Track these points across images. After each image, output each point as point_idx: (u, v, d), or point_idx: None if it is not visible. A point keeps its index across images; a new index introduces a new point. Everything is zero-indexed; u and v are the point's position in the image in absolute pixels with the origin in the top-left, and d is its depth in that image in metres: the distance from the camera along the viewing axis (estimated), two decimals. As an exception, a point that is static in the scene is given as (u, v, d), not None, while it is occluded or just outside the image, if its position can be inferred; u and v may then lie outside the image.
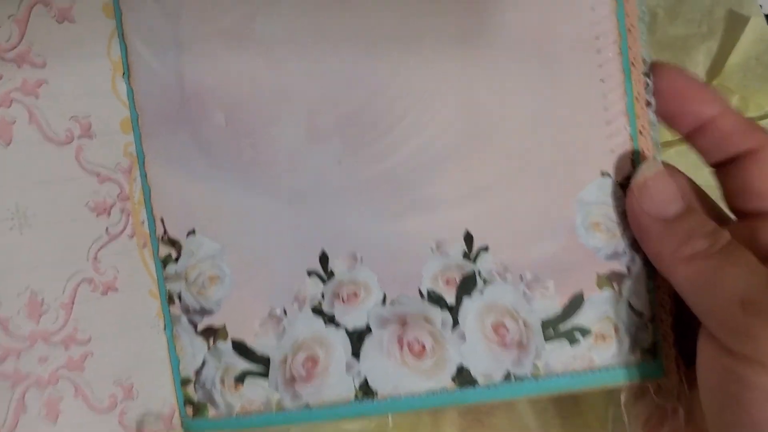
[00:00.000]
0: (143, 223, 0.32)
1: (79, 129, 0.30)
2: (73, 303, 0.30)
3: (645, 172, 0.29)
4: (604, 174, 0.30)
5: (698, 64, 0.44)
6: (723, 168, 0.30)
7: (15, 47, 0.29)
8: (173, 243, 0.32)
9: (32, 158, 0.29)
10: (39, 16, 0.29)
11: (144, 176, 0.32)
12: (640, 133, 0.30)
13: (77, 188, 0.30)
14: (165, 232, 0.32)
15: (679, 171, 0.30)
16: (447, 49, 0.29)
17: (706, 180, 0.31)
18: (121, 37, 0.32)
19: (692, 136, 0.30)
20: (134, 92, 0.32)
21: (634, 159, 0.30)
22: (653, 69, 0.29)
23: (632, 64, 0.29)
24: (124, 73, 0.32)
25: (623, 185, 0.30)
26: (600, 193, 0.30)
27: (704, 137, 0.29)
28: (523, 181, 0.30)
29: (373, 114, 0.30)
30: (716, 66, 0.44)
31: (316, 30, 0.30)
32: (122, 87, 0.32)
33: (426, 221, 0.30)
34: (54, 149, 0.30)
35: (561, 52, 0.29)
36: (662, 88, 0.29)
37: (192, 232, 0.32)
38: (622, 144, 0.30)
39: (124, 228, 0.32)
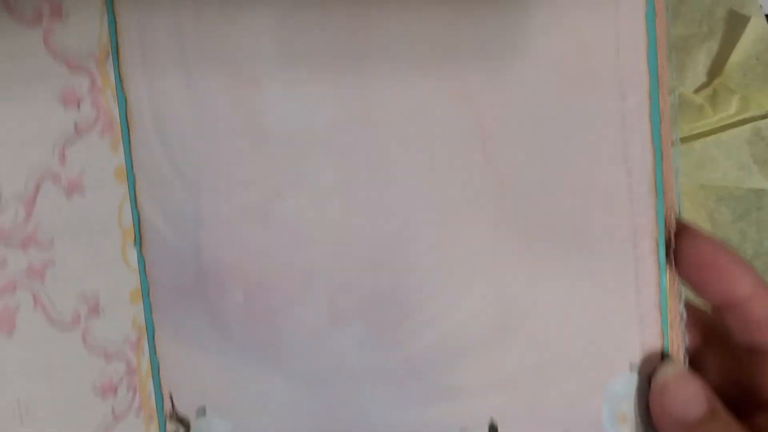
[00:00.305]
0: (150, 396, 0.31)
1: (86, 308, 0.29)
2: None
3: (666, 374, 0.28)
4: (632, 367, 0.29)
5: (699, 64, 0.44)
6: (752, 352, 0.29)
7: (21, 229, 0.27)
8: (181, 421, 0.31)
9: (36, 346, 0.28)
10: (47, 192, 0.28)
11: (153, 349, 0.31)
12: (671, 327, 0.29)
13: (83, 372, 0.29)
14: (173, 408, 0.31)
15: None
16: (480, 236, 0.29)
17: (708, 180, 0.30)
18: (134, 203, 0.30)
19: (720, 311, 0.29)
20: (146, 261, 0.31)
21: (663, 353, 0.29)
22: (681, 233, 0.28)
23: (668, 259, 0.28)
24: (135, 241, 0.31)
25: (651, 379, 0.29)
26: (628, 387, 0.29)
27: (733, 317, 0.28)
28: (550, 373, 0.29)
29: (399, 298, 0.29)
30: (717, 66, 0.44)
31: (345, 210, 0.29)
32: (132, 255, 0.31)
33: (450, 409, 0.29)
34: (59, 334, 0.28)
35: (597, 245, 0.29)
36: (689, 257, 0.28)
37: (202, 411, 0.31)
38: (652, 337, 0.29)
39: (131, 405, 0.30)
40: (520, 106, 0.28)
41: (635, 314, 0.29)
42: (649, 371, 0.29)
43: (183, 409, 0.31)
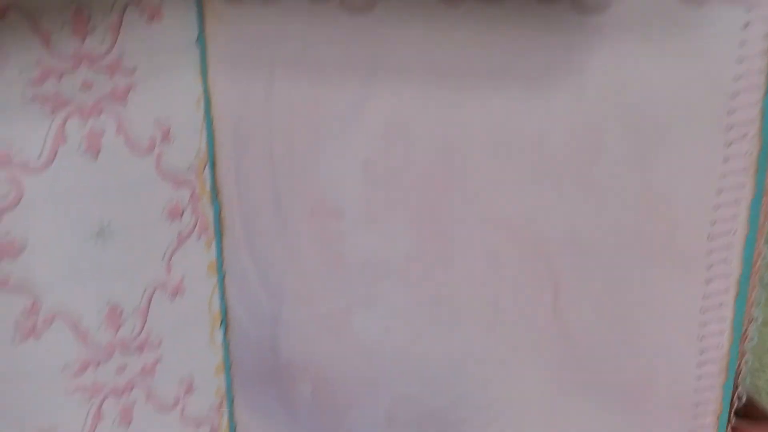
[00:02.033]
0: (226, 448, 0.37)
1: (183, 390, 0.34)
2: None
3: None
4: None
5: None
6: None
7: (136, 338, 0.31)
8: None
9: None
10: (157, 300, 0.32)
11: (231, 414, 0.36)
12: None
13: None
14: (247, 465, 0.37)
15: None
16: (539, 381, 0.31)
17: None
18: (222, 295, 0.35)
19: None
20: (229, 344, 0.35)
21: None
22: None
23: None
24: (221, 325, 0.35)
25: None
26: None
27: None
28: None
29: (454, 417, 0.32)
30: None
31: (411, 333, 0.32)
32: (219, 336, 0.35)
33: None
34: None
35: (657, 412, 0.30)
36: None
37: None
38: None
39: (212, 458, 0.36)
40: (599, 270, 0.29)
41: None
42: None
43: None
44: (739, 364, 0.29)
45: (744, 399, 0.29)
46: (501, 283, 0.30)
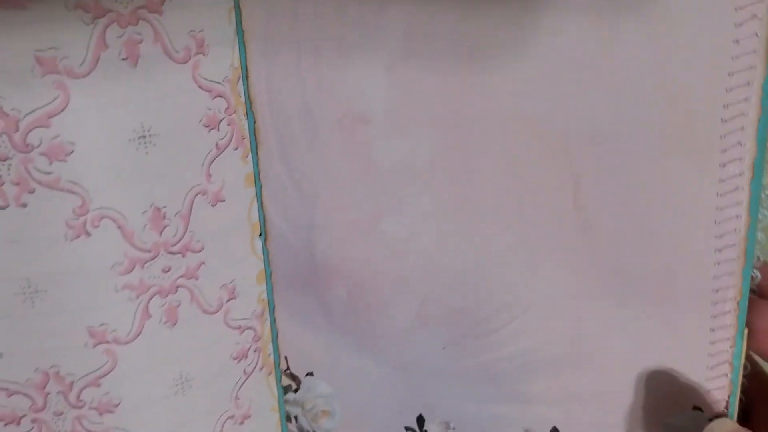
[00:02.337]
0: (270, 355, 0.38)
1: (227, 294, 0.36)
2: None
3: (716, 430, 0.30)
4: (696, 408, 0.32)
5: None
6: None
7: (180, 241, 0.33)
8: (294, 378, 0.38)
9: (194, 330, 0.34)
10: (198, 205, 0.33)
11: (273, 320, 0.38)
12: (741, 383, 0.31)
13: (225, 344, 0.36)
14: (288, 368, 0.38)
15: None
16: (562, 273, 0.32)
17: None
18: (260, 204, 0.36)
19: None
20: (269, 253, 0.37)
21: (728, 404, 0.31)
22: (752, 306, 0.30)
23: (747, 324, 0.30)
24: (260, 234, 0.37)
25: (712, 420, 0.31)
26: (687, 423, 0.32)
27: None
28: (615, 400, 0.33)
29: (480, 316, 0.34)
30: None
31: (437, 235, 0.33)
32: (258, 245, 0.37)
33: (517, 410, 0.34)
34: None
35: (676, 298, 0.30)
36: (760, 327, 0.30)
37: (310, 374, 0.38)
38: (719, 388, 0.31)
39: (257, 363, 0.38)
40: (618, 164, 0.30)
41: (706, 366, 0.31)
42: (711, 415, 0.31)
43: (295, 370, 0.38)
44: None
45: (758, 279, 0.30)
46: (523, 182, 0.31)
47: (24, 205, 0.30)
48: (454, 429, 0.36)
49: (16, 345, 0.31)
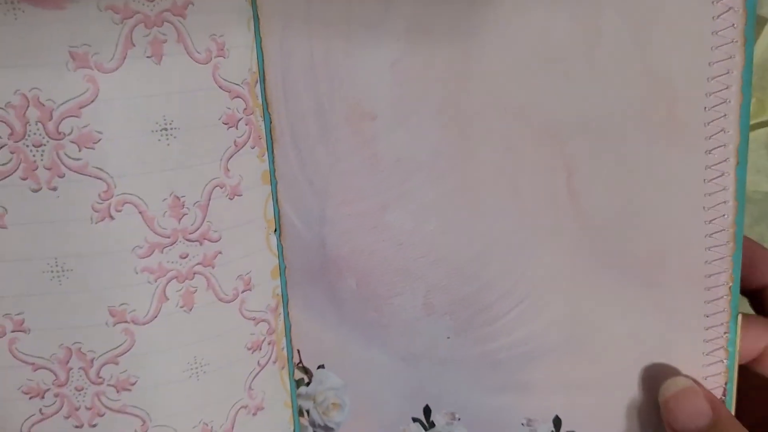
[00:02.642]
0: (283, 349, 0.40)
1: (243, 285, 0.37)
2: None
3: (665, 392, 0.32)
4: None
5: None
6: None
7: (198, 229, 0.35)
8: (306, 371, 0.40)
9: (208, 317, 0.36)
10: (216, 197, 0.36)
11: (287, 314, 0.40)
12: (735, 366, 0.32)
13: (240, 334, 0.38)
14: (300, 361, 0.40)
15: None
16: (558, 260, 0.33)
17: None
18: (275, 201, 0.38)
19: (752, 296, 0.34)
20: (284, 248, 0.39)
21: (726, 387, 0.32)
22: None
23: (741, 312, 0.31)
24: (275, 230, 0.39)
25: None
26: None
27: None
28: (613, 384, 0.34)
29: (482, 305, 0.35)
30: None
31: (440, 225, 0.35)
32: (273, 241, 0.39)
33: (519, 400, 0.35)
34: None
35: (669, 282, 0.32)
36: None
37: (322, 366, 0.39)
38: (716, 374, 0.32)
39: (271, 355, 0.39)
40: (608, 151, 0.31)
41: (702, 352, 0.32)
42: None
43: (307, 363, 0.40)
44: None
45: None
46: (519, 170, 0.33)
47: (54, 189, 0.32)
48: (459, 419, 0.37)
49: (44, 321, 0.34)
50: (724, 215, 0.30)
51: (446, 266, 0.35)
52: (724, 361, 0.32)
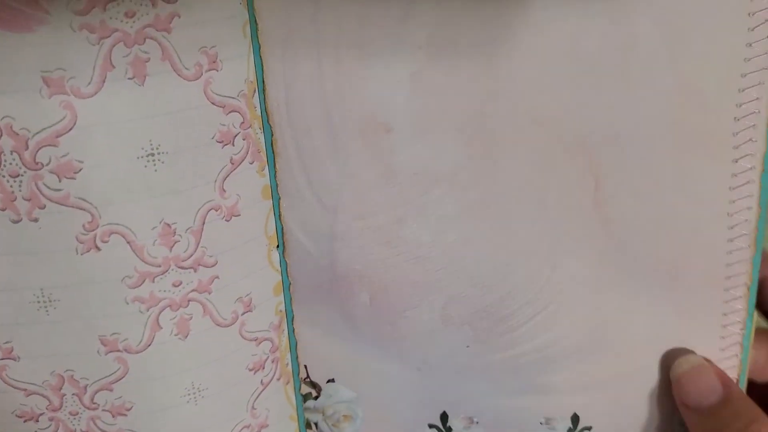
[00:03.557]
0: (287, 365, 0.39)
1: (243, 308, 0.36)
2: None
3: (678, 369, 0.32)
4: None
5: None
6: None
7: (191, 256, 0.33)
8: (314, 385, 0.38)
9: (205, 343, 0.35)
10: (211, 221, 0.33)
11: (291, 330, 0.38)
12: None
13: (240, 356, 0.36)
14: (308, 376, 0.38)
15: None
16: (582, 268, 0.33)
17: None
18: (277, 217, 0.36)
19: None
20: (288, 265, 0.37)
21: (739, 380, 0.33)
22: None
23: (757, 308, 0.32)
24: (278, 246, 0.36)
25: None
26: None
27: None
28: (632, 381, 0.34)
29: (503, 314, 0.34)
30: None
31: (461, 237, 0.33)
32: (276, 257, 0.37)
33: (539, 401, 0.35)
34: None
35: (690, 285, 0.32)
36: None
37: (331, 380, 0.38)
38: (731, 367, 0.33)
39: (274, 373, 0.38)
40: (636, 161, 0.31)
41: (718, 347, 0.33)
42: None
43: (315, 377, 0.38)
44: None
45: None
46: (546, 182, 0.32)
47: (36, 220, 0.31)
48: (477, 423, 0.36)
49: (33, 349, 0.33)
50: (746, 220, 0.31)
51: (466, 277, 0.34)
52: (739, 355, 0.33)
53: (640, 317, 0.33)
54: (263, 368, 0.37)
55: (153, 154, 0.31)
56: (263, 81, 0.33)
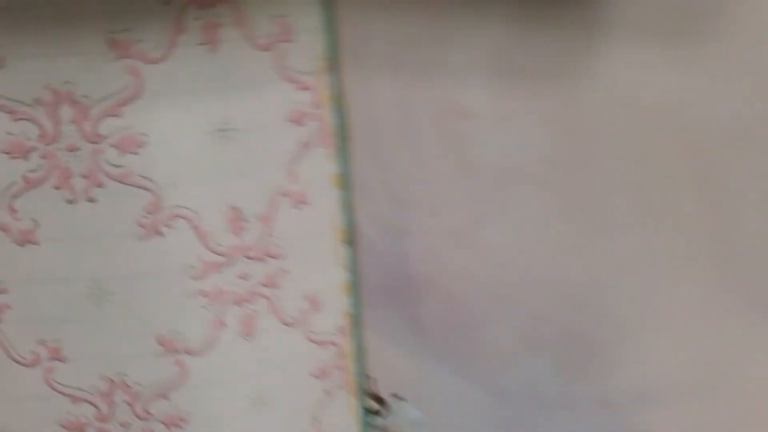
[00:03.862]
0: (354, 375, 0.35)
1: (309, 305, 0.32)
2: None
3: None
4: None
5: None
6: None
7: (259, 245, 0.30)
8: (379, 400, 0.35)
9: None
10: (280, 207, 0.30)
11: (359, 336, 0.35)
12: None
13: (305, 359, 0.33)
14: (373, 389, 0.35)
15: None
16: (697, 291, 0.28)
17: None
18: (348, 209, 0.33)
19: None
20: (357, 262, 0.34)
21: None
22: None
23: None
24: (348, 241, 0.33)
25: None
26: None
27: None
28: (743, 428, 0.29)
29: (599, 336, 0.30)
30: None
31: (549, 244, 0.30)
32: (344, 252, 0.33)
33: None
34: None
35: None
36: None
37: (398, 396, 0.35)
38: None
39: (339, 383, 0.34)
40: (761, 162, 0.26)
41: None
42: None
43: (381, 391, 0.35)
44: None
45: None
46: (650, 183, 0.28)
47: (92, 200, 0.28)
48: None
49: (82, 349, 0.29)
50: None
51: (554, 293, 0.30)
52: None
53: (759, 358, 0.28)
54: (327, 375, 0.34)
55: (223, 130, 0.28)
56: (339, 60, 0.31)
